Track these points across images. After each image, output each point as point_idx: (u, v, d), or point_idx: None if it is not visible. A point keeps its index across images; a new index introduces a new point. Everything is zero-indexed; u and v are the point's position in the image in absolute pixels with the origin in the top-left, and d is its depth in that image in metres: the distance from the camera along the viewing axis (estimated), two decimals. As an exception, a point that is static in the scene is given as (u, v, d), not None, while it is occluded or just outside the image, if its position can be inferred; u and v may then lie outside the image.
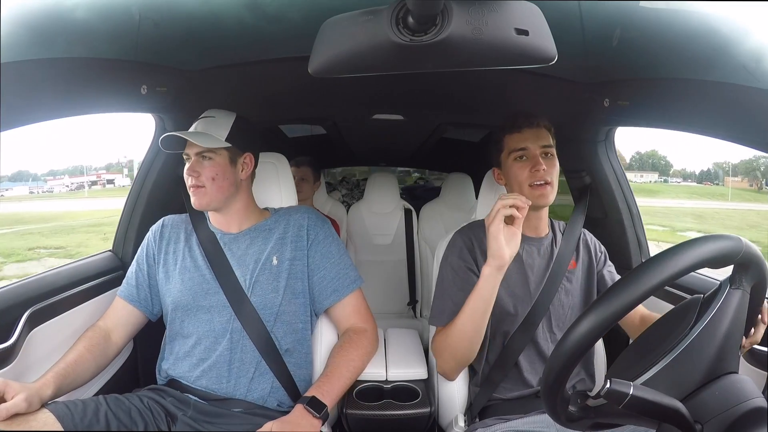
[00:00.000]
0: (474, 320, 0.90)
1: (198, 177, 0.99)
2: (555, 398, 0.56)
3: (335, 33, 0.57)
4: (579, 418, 0.58)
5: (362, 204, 2.33)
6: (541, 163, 0.94)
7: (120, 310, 1.03)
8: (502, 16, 0.53)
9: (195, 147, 0.99)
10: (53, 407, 0.80)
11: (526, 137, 0.96)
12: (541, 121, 0.98)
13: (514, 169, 0.96)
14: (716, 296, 0.57)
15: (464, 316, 0.90)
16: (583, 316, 0.53)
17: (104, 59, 0.90)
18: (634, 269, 0.53)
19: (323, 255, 1.03)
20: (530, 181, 0.95)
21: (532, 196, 0.94)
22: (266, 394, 0.97)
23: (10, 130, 0.79)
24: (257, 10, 0.85)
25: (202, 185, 0.99)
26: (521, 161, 0.96)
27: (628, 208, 1.32)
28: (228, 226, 1.05)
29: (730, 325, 0.56)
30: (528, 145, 0.96)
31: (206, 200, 0.99)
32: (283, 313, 0.99)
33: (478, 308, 0.89)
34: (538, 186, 0.94)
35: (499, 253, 0.86)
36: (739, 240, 0.55)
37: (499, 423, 0.93)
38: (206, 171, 0.99)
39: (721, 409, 0.51)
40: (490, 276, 0.87)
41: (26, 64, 0.74)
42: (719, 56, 0.75)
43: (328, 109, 1.67)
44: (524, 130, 0.97)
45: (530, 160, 0.95)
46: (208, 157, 1.00)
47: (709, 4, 0.71)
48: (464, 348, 0.93)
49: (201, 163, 0.99)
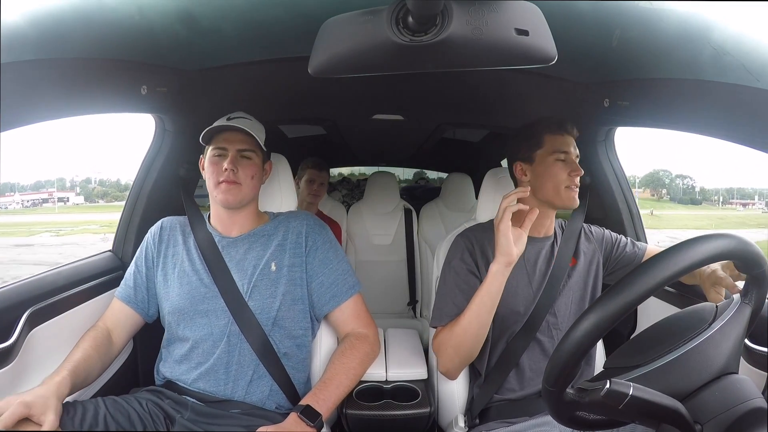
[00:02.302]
0: (480, 317, 0.91)
1: (236, 173, 0.99)
2: (557, 398, 0.56)
3: (335, 33, 0.57)
4: (581, 418, 0.58)
5: (362, 204, 2.33)
6: (580, 169, 0.98)
7: (118, 312, 1.03)
8: (502, 16, 0.53)
9: (237, 144, 1.00)
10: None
11: (568, 142, 1.00)
12: (575, 130, 1.02)
13: (555, 169, 0.98)
14: (728, 307, 0.58)
15: (470, 313, 0.91)
16: (584, 315, 0.53)
17: (104, 59, 0.90)
18: (636, 268, 0.53)
19: (321, 261, 1.03)
20: (567, 183, 0.98)
21: (567, 198, 0.98)
22: (265, 397, 0.97)
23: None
24: (258, 10, 0.85)
25: (239, 182, 0.99)
26: (562, 163, 0.98)
27: (628, 208, 1.33)
28: (230, 228, 1.04)
29: (735, 334, 0.56)
30: (570, 150, 0.99)
31: (240, 197, 1.00)
32: (281, 318, 0.99)
33: (485, 304, 0.90)
34: (573, 189, 0.98)
35: (507, 250, 0.89)
36: (740, 239, 0.55)
37: (502, 426, 0.93)
38: (246, 169, 1.00)
39: (721, 409, 0.51)
40: (498, 273, 0.90)
41: (26, 64, 0.74)
42: (719, 56, 0.75)
43: (328, 109, 1.67)
44: (566, 135, 1.00)
45: (569, 163, 0.98)
46: (248, 156, 1.01)
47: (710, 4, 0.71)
48: (468, 345, 0.93)
49: (240, 160, 1.00)
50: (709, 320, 0.57)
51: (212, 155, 1.01)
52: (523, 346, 0.97)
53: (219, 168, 0.99)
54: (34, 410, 0.73)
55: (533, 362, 0.98)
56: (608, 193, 1.33)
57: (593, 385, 0.53)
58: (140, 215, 1.26)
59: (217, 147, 1.01)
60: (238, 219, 1.04)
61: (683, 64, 0.86)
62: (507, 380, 0.98)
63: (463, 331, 0.92)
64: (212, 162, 1.01)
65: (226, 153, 1.00)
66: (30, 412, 0.73)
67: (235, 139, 1.00)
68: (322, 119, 1.83)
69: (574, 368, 0.54)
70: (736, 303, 0.59)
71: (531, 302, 0.98)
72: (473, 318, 0.91)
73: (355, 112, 1.72)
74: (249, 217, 1.05)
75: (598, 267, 1.05)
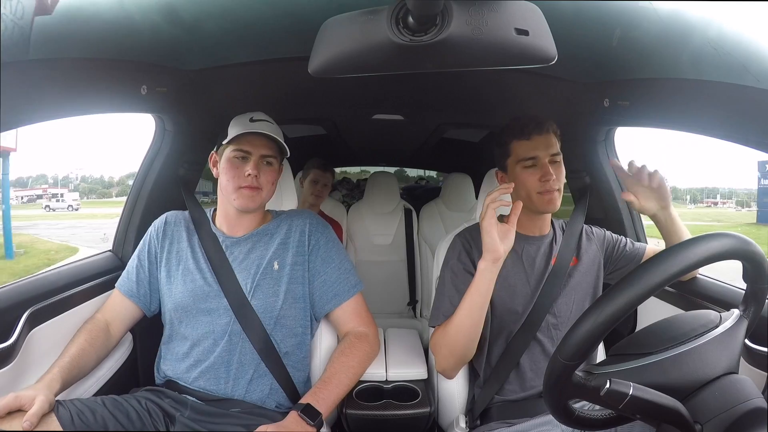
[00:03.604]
0: (472, 315, 0.90)
1: (258, 179, 0.98)
2: (558, 397, 0.56)
3: (335, 33, 0.57)
4: (582, 418, 0.58)
5: (362, 204, 2.33)
6: (551, 172, 0.94)
7: (118, 305, 1.03)
8: (502, 16, 0.53)
9: (262, 149, 0.99)
10: (54, 407, 0.80)
11: (535, 145, 0.96)
12: (550, 126, 0.97)
13: (523, 177, 0.96)
14: (730, 318, 0.60)
15: (462, 312, 0.91)
16: (586, 314, 0.53)
17: (104, 59, 0.90)
18: (638, 267, 0.53)
19: (324, 260, 1.03)
20: (539, 189, 0.95)
21: (541, 203, 0.96)
22: (265, 396, 0.97)
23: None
24: (258, 10, 0.85)
25: (260, 187, 0.98)
26: (530, 169, 0.96)
27: (628, 208, 1.32)
28: (236, 229, 1.04)
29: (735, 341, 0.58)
30: (537, 154, 0.96)
31: (259, 203, 1.00)
32: (283, 317, 0.99)
33: (475, 303, 0.90)
34: (547, 193, 0.95)
35: (493, 247, 0.88)
36: (742, 238, 0.55)
37: (503, 427, 0.92)
38: (268, 175, 1.00)
39: (721, 409, 0.51)
40: (486, 270, 0.89)
41: (26, 64, 0.74)
42: (719, 56, 0.75)
43: (328, 109, 1.67)
44: (533, 137, 0.96)
45: (539, 168, 0.95)
46: (270, 162, 1.00)
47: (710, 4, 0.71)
48: (462, 344, 0.93)
49: (262, 166, 0.99)
50: (711, 326, 0.58)
51: (233, 156, 0.99)
52: (523, 346, 0.97)
53: (240, 172, 0.97)
54: (23, 400, 0.74)
55: (533, 363, 0.97)
56: (608, 193, 1.33)
57: (600, 369, 0.53)
58: (140, 215, 1.26)
59: (240, 149, 0.98)
60: (246, 220, 1.04)
61: (683, 64, 0.86)
62: (507, 381, 0.98)
63: (456, 330, 0.91)
64: (233, 164, 0.98)
65: (249, 157, 0.98)
66: (20, 402, 0.74)
67: (259, 143, 0.98)
68: (322, 119, 1.83)
69: (577, 368, 0.54)
70: (736, 316, 0.60)
71: (529, 301, 0.98)
72: (465, 316, 0.90)
73: (355, 112, 1.72)
74: (256, 217, 1.05)
75: (599, 267, 1.05)
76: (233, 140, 0.98)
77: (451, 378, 1.02)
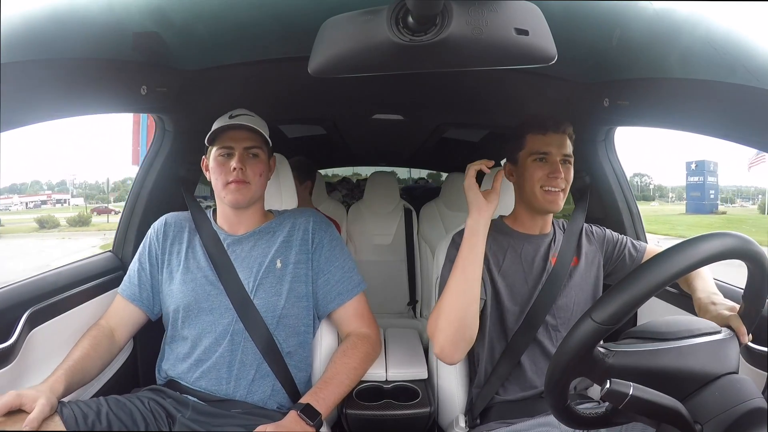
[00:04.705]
0: (465, 273, 0.88)
1: (244, 172, 0.97)
2: (559, 397, 0.56)
3: (335, 33, 0.57)
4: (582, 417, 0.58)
5: (362, 204, 2.33)
6: (561, 171, 0.94)
7: (122, 310, 1.02)
8: (502, 16, 0.53)
9: (244, 142, 0.98)
10: (57, 408, 0.80)
11: (550, 141, 0.96)
12: (567, 128, 0.97)
13: (532, 170, 0.96)
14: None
15: (457, 271, 0.89)
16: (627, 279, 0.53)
17: (104, 59, 0.90)
18: (639, 266, 0.53)
19: (327, 259, 1.03)
20: (545, 184, 0.95)
21: (544, 201, 0.95)
22: (267, 396, 0.96)
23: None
24: (258, 10, 0.85)
25: (248, 181, 0.98)
26: (540, 163, 0.96)
27: (628, 208, 1.32)
28: (237, 227, 1.04)
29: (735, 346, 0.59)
30: (551, 150, 0.95)
31: (249, 196, 0.99)
32: (286, 316, 0.99)
33: (470, 261, 0.88)
34: (552, 192, 0.95)
35: (476, 201, 0.90)
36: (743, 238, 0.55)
37: (502, 426, 0.92)
38: (254, 168, 0.99)
39: (721, 409, 0.52)
40: (474, 225, 0.90)
41: (26, 64, 0.74)
42: (719, 56, 0.75)
43: (328, 109, 1.67)
44: (549, 133, 0.96)
45: (550, 164, 0.95)
46: (255, 154, 1.00)
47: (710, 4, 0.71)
48: (457, 311, 0.87)
49: (247, 159, 0.99)
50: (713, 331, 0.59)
51: (218, 155, 0.99)
52: (523, 346, 0.97)
53: (226, 168, 0.98)
54: (25, 399, 0.74)
55: (533, 363, 0.97)
56: (608, 192, 1.33)
57: (618, 346, 0.55)
58: (140, 215, 1.26)
59: (223, 146, 0.99)
60: (245, 218, 1.04)
61: (683, 64, 0.86)
62: (508, 381, 0.97)
63: (451, 294, 0.88)
64: (219, 162, 0.99)
65: (233, 152, 0.98)
66: (21, 401, 0.74)
67: (241, 137, 0.99)
68: (321, 119, 1.83)
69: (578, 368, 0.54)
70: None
71: (528, 300, 0.98)
72: (459, 276, 0.88)
73: (355, 112, 1.72)
74: (255, 215, 1.05)
75: (599, 267, 1.05)
76: (217, 140, 0.99)
77: (450, 361, 0.93)
